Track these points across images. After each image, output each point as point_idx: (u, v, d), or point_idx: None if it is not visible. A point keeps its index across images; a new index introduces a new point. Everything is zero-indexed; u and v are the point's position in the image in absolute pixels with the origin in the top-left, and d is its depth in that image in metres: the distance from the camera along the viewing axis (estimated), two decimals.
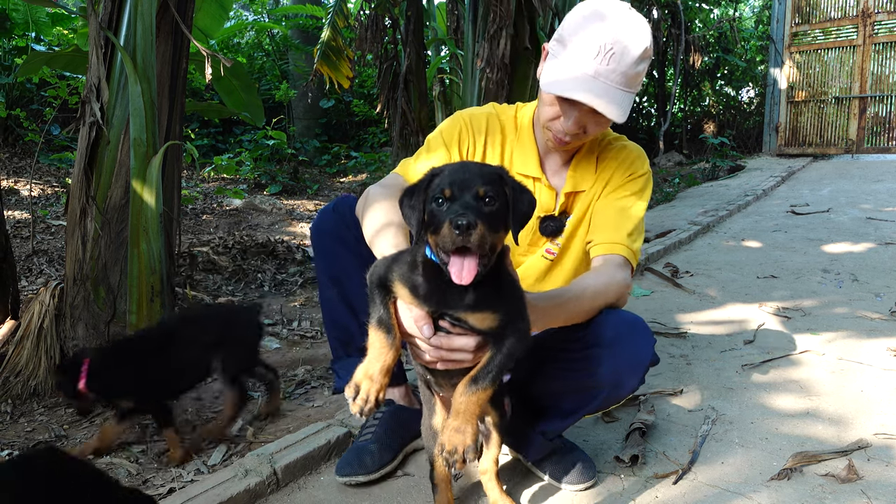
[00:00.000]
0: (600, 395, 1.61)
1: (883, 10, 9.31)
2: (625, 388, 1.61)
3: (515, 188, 1.23)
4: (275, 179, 7.66)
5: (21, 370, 2.39)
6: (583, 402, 1.67)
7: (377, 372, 1.24)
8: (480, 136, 1.79)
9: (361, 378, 1.24)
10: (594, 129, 1.65)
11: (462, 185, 1.16)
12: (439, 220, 1.15)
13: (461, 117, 1.82)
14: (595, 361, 1.55)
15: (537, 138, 1.79)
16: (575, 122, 1.60)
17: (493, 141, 1.80)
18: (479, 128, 1.80)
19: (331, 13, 5.56)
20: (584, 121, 1.61)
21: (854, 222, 5.43)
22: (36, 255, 4.00)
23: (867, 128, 9.58)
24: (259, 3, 11.35)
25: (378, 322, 1.28)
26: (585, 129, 1.64)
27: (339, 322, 1.95)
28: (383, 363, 1.25)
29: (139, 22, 2.48)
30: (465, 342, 1.26)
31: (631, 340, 1.55)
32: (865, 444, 1.93)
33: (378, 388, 1.24)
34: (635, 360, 1.56)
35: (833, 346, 2.80)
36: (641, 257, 4.29)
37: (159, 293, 2.50)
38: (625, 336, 1.55)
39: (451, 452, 1.21)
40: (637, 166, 1.78)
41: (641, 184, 1.77)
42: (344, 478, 1.81)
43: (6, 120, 7.14)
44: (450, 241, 1.11)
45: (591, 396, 1.63)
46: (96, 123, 2.50)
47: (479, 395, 1.24)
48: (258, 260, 4.30)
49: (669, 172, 9.40)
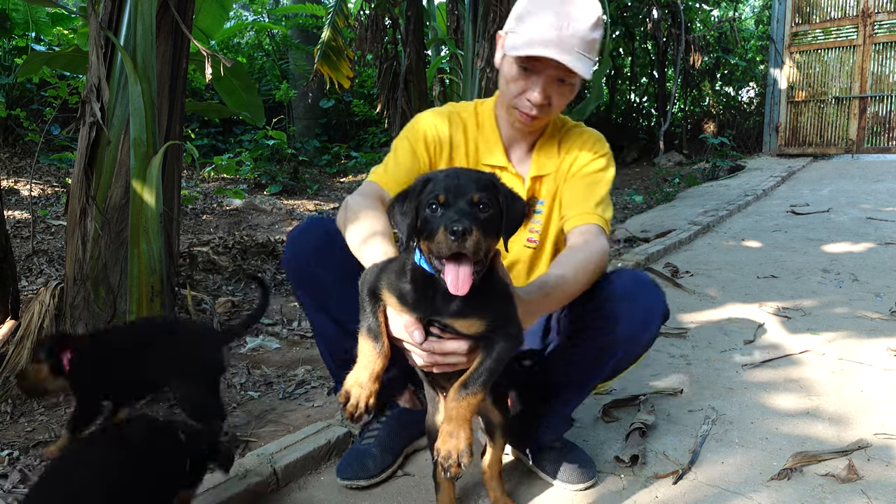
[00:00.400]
0: (616, 353, 1.66)
1: (883, 10, 9.31)
2: (640, 342, 1.67)
3: (508, 195, 1.24)
4: (275, 179, 7.66)
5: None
6: (598, 366, 1.71)
7: (366, 379, 1.27)
8: (446, 132, 1.81)
9: (352, 385, 1.28)
10: (558, 100, 1.69)
11: (457, 192, 1.16)
12: (433, 227, 1.15)
13: (423, 117, 1.85)
14: (611, 316, 1.61)
15: (500, 129, 1.83)
16: (541, 92, 1.64)
17: (458, 136, 1.83)
18: (442, 126, 1.82)
19: (331, 13, 5.56)
20: (549, 91, 1.65)
21: (854, 222, 5.43)
22: (36, 255, 4.00)
23: (867, 128, 9.57)
24: (259, 3, 11.35)
25: (367, 330, 1.30)
26: (550, 100, 1.67)
27: (336, 348, 1.83)
28: (372, 370, 1.28)
29: (139, 22, 2.48)
30: (456, 346, 1.28)
31: (643, 293, 1.64)
32: (865, 444, 1.93)
33: (368, 395, 1.27)
34: (650, 311, 1.64)
35: (833, 346, 2.80)
36: (641, 257, 4.30)
37: (159, 293, 2.50)
38: (636, 289, 1.64)
39: (445, 458, 1.23)
40: (598, 147, 1.84)
41: (604, 162, 1.82)
42: (345, 481, 1.82)
43: (6, 120, 7.14)
44: (445, 247, 1.11)
45: (608, 357, 1.67)
46: (96, 123, 2.50)
47: (470, 399, 1.25)
48: (258, 260, 4.31)
49: (669, 172, 9.40)
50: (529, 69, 1.64)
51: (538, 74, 1.64)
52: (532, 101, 1.66)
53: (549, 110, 1.70)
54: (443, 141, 1.81)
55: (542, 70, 1.62)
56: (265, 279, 2.01)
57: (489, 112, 1.85)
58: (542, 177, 1.83)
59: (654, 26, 10.40)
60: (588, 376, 1.75)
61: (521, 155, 1.85)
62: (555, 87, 1.66)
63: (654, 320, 1.65)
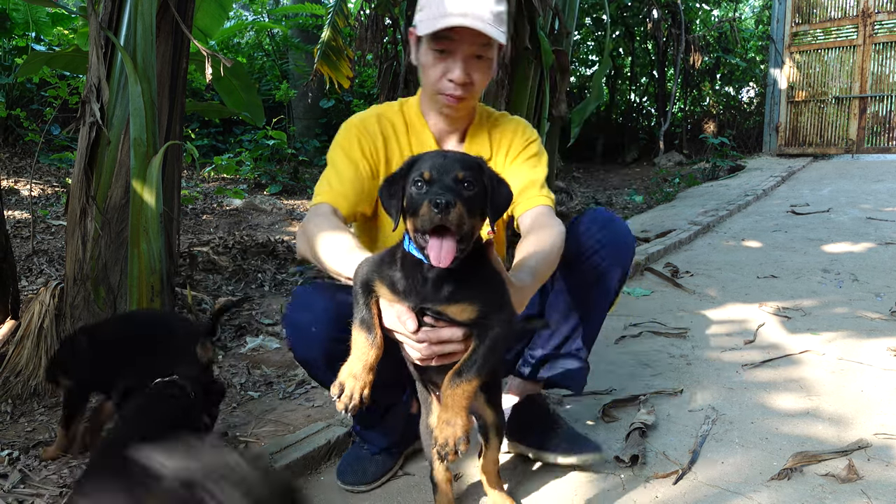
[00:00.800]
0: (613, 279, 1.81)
1: (883, 10, 9.30)
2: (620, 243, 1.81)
3: (493, 178, 1.28)
4: (275, 179, 7.66)
5: (21, 370, 2.39)
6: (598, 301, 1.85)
7: (360, 370, 1.27)
8: (378, 136, 1.80)
9: (346, 377, 1.28)
10: (479, 77, 1.70)
11: (442, 170, 1.19)
12: (418, 202, 1.18)
13: (352, 125, 1.82)
14: (584, 239, 1.78)
15: (430, 124, 1.84)
16: (462, 69, 1.65)
17: (390, 138, 1.82)
18: (373, 130, 1.80)
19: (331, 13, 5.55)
20: (469, 68, 1.66)
21: (854, 222, 5.42)
22: (36, 255, 4.00)
23: (867, 128, 9.57)
24: (259, 3, 11.34)
25: (360, 322, 1.30)
26: (472, 77, 1.68)
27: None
28: (365, 361, 1.28)
29: (139, 22, 2.48)
30: (451, 333, 1.28)
31: (615, 220, 1.83)
32: (865, 444, 1.93)
33: (362, 386, 1.27)
34: (610, 218, 1.82)
35: (833, 346, 2.80)
36: (641, 257, 4.30)
37: (159, 293, 2.50)
38: (608, 220, 1.82)
39: (442, 445, 1.24)
40: (529, 133, 1.88)
41: (537, 147, 1.87)
42: (346, 485, 1.83)
43: (6, 120, 7.14)
44: (428, 219, 1.14)
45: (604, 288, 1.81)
46: (96, 123, 2.50)
47: (465, 386, 1.25)
48: (258, 260, 4.31)
49: (669, 172, 9.40)
50: (445, 51, 1.65)
51: (454, 54, 1.65)
52: (455, 80, 1.66)
53: (472, 89, 1.70)
54: (376, 144, 1.80)
55: (457, 48, 1.64)
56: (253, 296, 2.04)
57: (416, 109, 1.85)
58: None
59: (654, 26, 10.40)
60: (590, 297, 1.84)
61: (454, 146, 1.86)
62: (473, 63, 1.67)
63: (618, 221, 1.81)
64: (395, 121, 1.85)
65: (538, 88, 4.55)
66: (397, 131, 1.84)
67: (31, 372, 2.39)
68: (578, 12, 6.85)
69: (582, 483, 1.82)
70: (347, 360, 1.30)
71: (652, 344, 2.92)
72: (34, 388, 2.38)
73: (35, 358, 2.40)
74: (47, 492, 1.81)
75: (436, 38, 1.64)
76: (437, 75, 1.69)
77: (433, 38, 1.65)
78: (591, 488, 1.79)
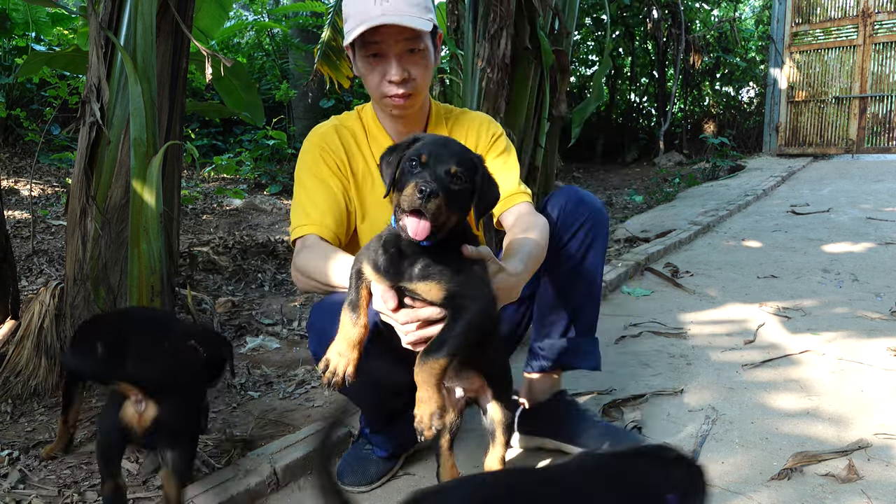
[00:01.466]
0: (601, 232, 1.86)
1: (883, 10, 9.30)
2: (603, 236, 1.88)
3: (486, 178, 1.32)
4: (275, 179, 7.66)
5: (21, 370, 2.39)
6: (589, 276, 1.88)
7: (345, 347, 1.34)
8: (340, 150, 1.80)
9: (332, 353, 1.34)
10: (419, 72, 1.69)
11: (438, 158, 1.24)
12: (407, 181, 1.23)
13: (312, 142, 1.82)
14: (573, 218, 1.83)
15: (387, 129, 1.83)
16: (396, 67, 1.65)
17: (352, 149, 1.82)
18: (335, 145, 1.80)
19: (331, 13, 5.54)
20: (404, 64, 1.66)
21: (854, 222, 5.42)
22: (36, 255, 4.00)
23: (867, 128, 9.57)
24: (259, 2, 11.34)
25: (348, 304, 1.36)
26: (410, 73, 1.67)
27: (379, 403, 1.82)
28: (350, 339, 1.34)
29: (139, 22, 2.48)
30: (429, 312, 1.31)
31: (587, 196, 1.89)
32: (865, 444, 1.93)
33: (346, 363, 1.33)
34: (598, 206, 1.88)
35: (833, 346, 2.80)
36: (641, 257, 4.29)
37: (159, 293, 2.50)
38: (581, 197, 1.87)
39: (418, 423, 1.28)
40: (493, 128, 1.88)
41: (504, 142, 1.87)
42: (346, 485, 1.83)
43: (6, 120, 7.14)
44: (409, 201, 1.20)
45: (592, 263, 1.86)
46: (96, 123, 2.50)
47: (432, 364, 1.27)
48: (258, 260, 4.31)
49: (669, 172, 9.40)
50: (377, 54, 1.66)
51: (386, 55, 1.65)
52: (393, 80, 1.65)
53: (414, 85, 1.69)
54: (340, 157, 1.79)
55: (386, 50, 1.64)
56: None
57: (372, 115, 1.85)
58: None
59: (654, 26, 10.40)
60: (581, 275, 1.87)
61: None
62: (407, 58, 1.66)
63: (590, 196, 1.87)
64: (354, 129, 1.85)
65: (538, 88, 4.55)
66: (358, 140, 1.84)
67: (31, 372, 2.38)
68: (578, 12, 6.85)
69: None
70: (335, 340, 1.35)
71: (652, 344, 2.92)
72: (34, 388, 2.38)
73: (35, 358, 2.40)
74: (47, 492, 1.81)
75: (364, 44, 1.65)
76: (377, 80, 1.68)
77: (362, 46, 1.65)
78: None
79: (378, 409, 1.83)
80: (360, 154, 1.82)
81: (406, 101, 1.71)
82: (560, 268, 1.86)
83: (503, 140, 1.87)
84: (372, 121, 1.85)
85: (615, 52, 11.90)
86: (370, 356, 1.38)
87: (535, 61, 4.40)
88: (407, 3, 1.61)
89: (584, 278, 1.88)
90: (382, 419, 1.85)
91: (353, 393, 1.71)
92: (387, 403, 1.79)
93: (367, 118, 1.86)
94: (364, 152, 1.83)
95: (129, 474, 1.92)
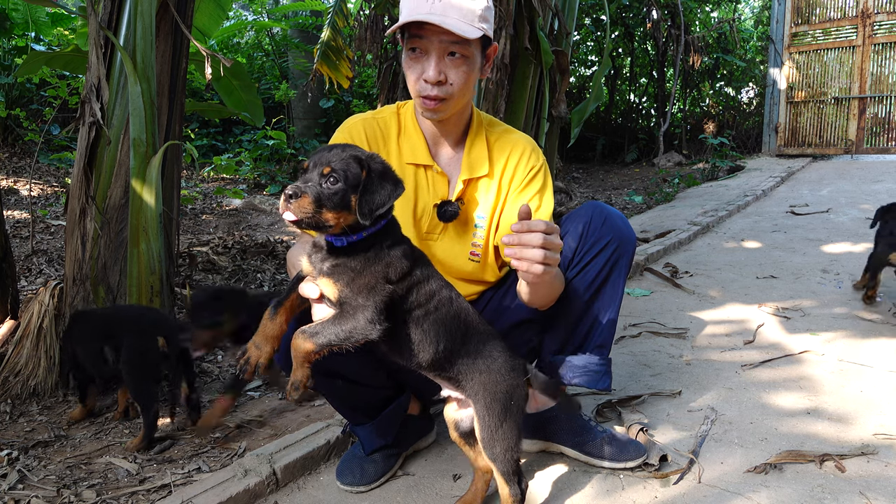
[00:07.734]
0: (626, 251, 1.81)
1: (883, 11, 9.30)
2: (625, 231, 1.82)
3: (375, 175, 1.34)
4: (275, 179, 7.66)
5: (21, 370, 2.39)
6: (609, 295, 1.85)
7: (260, 340, 1.41)
8: (364, 144, 1.79)
9: (249, 346, 1.41)
10: (457, 77, 1.65)
11: (316, 163, 1.32)
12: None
13: (339, 135, 1.82)
14: (599, 235, 1.79)
15: (423, 128, 1.81)
16: (434, 67, 1.62)
17: (377, 143, 1.81)
18: (359, 138, 1.80)
19: (331, 13, 5.55)
20: (442, 66, 1.63)
21: (854, 222, 5.43)
22: (36, 255, 4.00)
23: (867, 128, 9.57)
24: (259, 2, 11.34)
25: (275, 302, 1.44)
26: (447, 77, 1.64)
27: (346, 398, 1.85)
28: (265, 333, 1.41)
29: (139, 22, 2.48)
30: (324, 313, 1.37)
31: (614, 214, 1.83)
32: (865, 444, 1.93)
33: (258, 355, 1.39)
34: (625, 226, 1.83)
35: (833, 346, 2.80)
36: (641, 257, 4.29)
37: (159, 293, 2.50)
38: (608, 215, 1.82)
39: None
40: (534, 159, 1.84)
41: (542, 178, 1.83)
42: (345, 485, 1.83)
43: (6, 120, 7.14)
44: (282, 205, 1.28)
45: (616, 255, 1.80)
46: (96, 123, 2.50)
47: (299, 342, 1.32)
48: (258, 260, 4.31)
49: (669, 172, 9.40)
50: (418, 49, 1.64)
51: (427, 53, 1.63)
52: (428, 79, 1.63)
53: (450, 90, 1.66)
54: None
55: (429, 47, 1.61)
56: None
57: (411, 113, 1.84)
58: (474, 180, 1.82)
59: (653, 26, 10.39)
60: (601, 293, 1.84)
61: (448, 154, 1.83)
62: (447, 62, 1.63)
63: (617, 214, 1.82)
64: (387, 124, 1.83)
65: (538, 89, 4.56)
66: (387, 136, 1.82)
67: (30, 372, 2.39)
68: (578, 13, 6.85)
69: (582, 483, 1.82)
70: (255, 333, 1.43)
71: (651, 344, 2.92)
72: (33, 388, 2.38)
73: (34, 358, 2.40)
74: (46, 492, 1.81)
75: (409, 36, 1.63)
76: (414, 77, 1.67)
77: (407, 38, 1.64)
78: (591, 488, 1.79)
79: (347, 403, 1.85)
80: (386, 149, 1.81)
81: (437, 105, 1.67)
82: (582, 284, 1.82)
83: (541, 176, 1.82)
84: (410, 119, 1.83)
85: (615, 53, 11.90)
86: (331, 354, 1.38)
87: (535, 62, 4.40)
88: (458, 8, 1.58)
89: (605, 298, 1.84)
90: (358, 415, 1.87)
91: (320, 389, 1.80)
92: (353, 397, 1.82)
93: (405, 115, 1.85)
94: (390, 147, 1.81)
95: (129, 474, 1.92)
